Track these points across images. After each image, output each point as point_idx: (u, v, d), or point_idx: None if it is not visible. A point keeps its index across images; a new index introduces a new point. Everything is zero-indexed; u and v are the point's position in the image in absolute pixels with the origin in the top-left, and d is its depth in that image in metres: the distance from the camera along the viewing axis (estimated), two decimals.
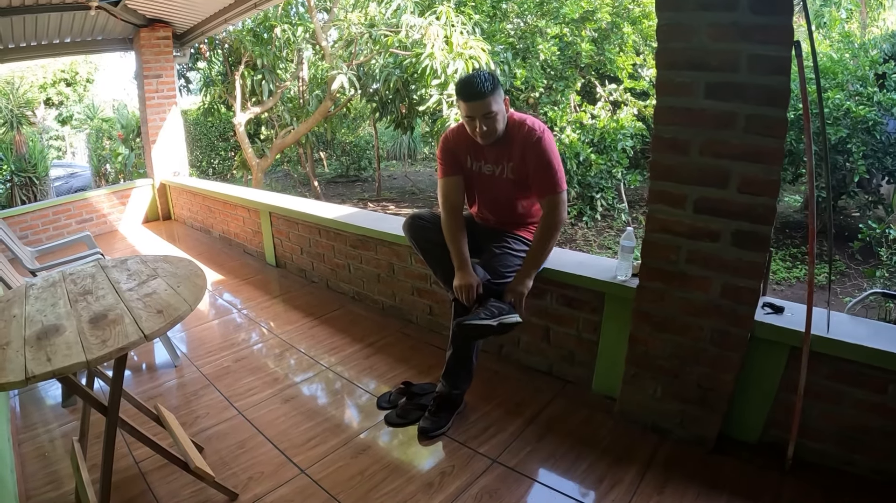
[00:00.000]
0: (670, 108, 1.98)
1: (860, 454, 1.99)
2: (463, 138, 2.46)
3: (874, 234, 4.42)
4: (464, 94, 2.25)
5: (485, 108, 2.23)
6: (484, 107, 2.22)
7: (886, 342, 1.88)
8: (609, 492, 2.01)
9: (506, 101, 2.33)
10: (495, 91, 2.23)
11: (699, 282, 2.05)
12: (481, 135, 2.30)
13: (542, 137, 2.32)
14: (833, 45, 7.49)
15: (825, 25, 9.34)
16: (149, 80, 6.58)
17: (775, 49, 1.76)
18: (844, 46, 7.20)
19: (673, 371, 2.21)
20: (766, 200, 1.87)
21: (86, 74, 18.66)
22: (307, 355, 3.13)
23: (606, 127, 6.84)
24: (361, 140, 14.41)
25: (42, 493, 2.09)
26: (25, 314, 1.69)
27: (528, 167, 2.35)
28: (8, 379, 1.30)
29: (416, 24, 6.04)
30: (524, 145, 2.32)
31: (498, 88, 2.26)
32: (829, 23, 9.22)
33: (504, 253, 2.41)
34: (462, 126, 2.44)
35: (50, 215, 6.23)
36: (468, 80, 2.26)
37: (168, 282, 1.84)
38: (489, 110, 2.23)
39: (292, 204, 4.53)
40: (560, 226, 2.36)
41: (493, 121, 2.26)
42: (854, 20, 12.02)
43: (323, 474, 2.14)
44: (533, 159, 2.32)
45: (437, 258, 2.50)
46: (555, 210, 2.33)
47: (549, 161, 2.31)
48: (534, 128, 2.33)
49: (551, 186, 2.32)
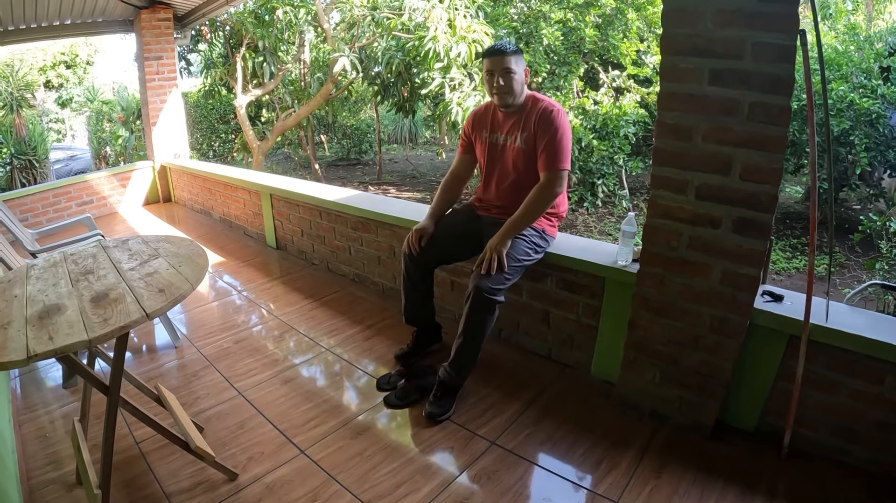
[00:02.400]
0: (674, 94, 1.97)
1: (856, 444, 2.01)
2: (483, 114, 2.63)
3: (874, 227, 4.42)
4: (488, 51, 2.46)
5: (504, 63, 2.36)
6: (503, 62, 2.36)
7: (885, 333, 1.88)
8: (606, 475, 2.03)
9: (526, 72, 2.45)
10: (516, 54, 2.40)
11: (699, 268, 2.06)
12: (498, 90, 2.41)
13: (557, 113, 2.39)
14: (838, 37, 7.45)
15: (831, 17, 9.28)
16: (149, 62, 6.53)
17: (780, 37, 1.75)
18: (850, 38, 7.16)
19: (672, 357, 2.22)
20: (768, 188, 1.86)
21: (86, 56, 18.55)
22: (307, 337, 3.14)
23: (609, 113, 6.82)
24: (363, 123, 14.37)
25: (43, 474, 2.11)
26: (27, 294, 1.69)
27: (539, 137, 2.39)
28: (10, 357, 1.30)
29: (420, 7, 5.99)
30: (539, 118, 2.39)
31: (520, 54, 2.42)
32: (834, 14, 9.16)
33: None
34: (486, 104, 2.63)
35: (50, 198, 6.21)
36: (494, 44, 2.52)
37: (169, 261, 1.84)
38: (508, 66, 2.36)
39: (293, 186, 4.53)
40: (551, 200, 2.40)
41: (510, 78, 2.38)
42: (860, 12, 11.92)
43: (322, 454, 2.16)
44: (545, 132, 2.37)
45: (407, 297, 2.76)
46: (551, 184, 2.37)
47: (560, 137, 2.35)
48: (551, 104, 2.43)
49: (555, 161, 2.36)
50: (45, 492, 2.02)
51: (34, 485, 2.05)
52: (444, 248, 2.65)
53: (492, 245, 2.33)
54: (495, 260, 2.29)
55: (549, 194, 2.38)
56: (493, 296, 2.27)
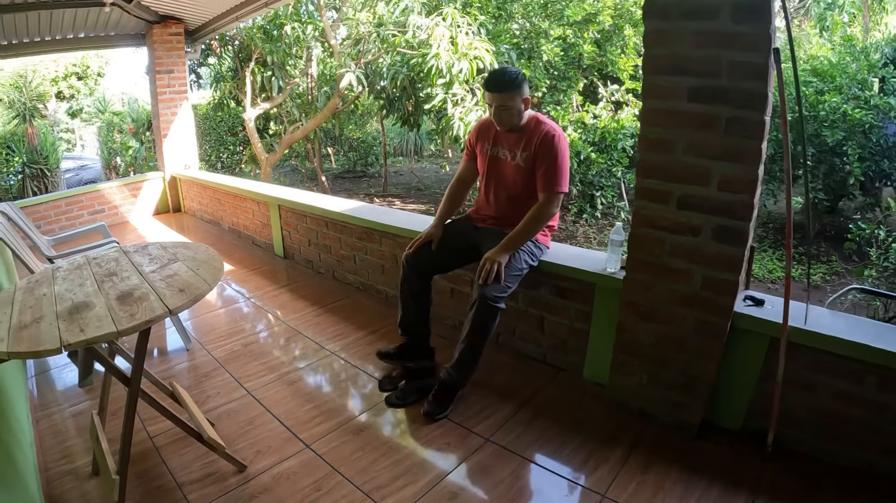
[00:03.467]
0: (656, 111, 2.11)
1: (839, 443, 2.08)
2: (488, 126, 2.75)
3: (864, 235, 4.54)
4: (487, 83, 2.56)
5: (501, 100, 2.49)
6: (500, 99, 2.49)
7: (862, 335, 1.98)
8: (594, 471, 2.14)
9: (526, 101, 2.56)
10: (515, 90, 2.48)
11: (682, 274, 2.18)
12: (496, 121, 2.57)
13: (558, 137, 2.53)
14: (835, 49, 7.57)
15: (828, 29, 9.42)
16: (161, 75, 6.73)
17: (754, 56, 1.88)
18: (846, 50, 7.28)
19: (658, 359, 2.33)
20: (745, 198, 1.99)
21: (97, 68, 18.87)
22: (313, 341, 3.28)
23: (607, 126, 6.98)
24: (369, 136, 14.56)
25: (58, 466, 2.24)
26: (55, 293, 1.83)
27: (539, 160, 2.52)
28: (45, 347, 1.44)
29: (423, 25, 6.17)
30: (541, 141, 2.52)
31: (519, 88, 2.50)
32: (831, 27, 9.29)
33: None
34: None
35: (63, 206, 6.39)
36: (494, 73, 2.59)
37: (188, 265, 1.99)
38: (503, 104, 2.49)
39: (301, 197, 4.68)
40: (547, 219, 2.55)
41: (508, 113, 2.51)
42: (857, 24, 12.07)
43: (326, 449, 2.29)
44: (544, 154, 2.51)
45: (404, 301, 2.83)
46: (548, 204, 2.52)
47: (558, 160, 2.50)
48: (553, 129, 2.56)
49: (553, 183, 2.50)
50: (62, 482, 2.15)
51: (51, 475, 2.18)
52: (443, 255, 2.78)
53: (490, 256, 2.45)
54: (493, 270, 2.41)
55: (546, 213, 2.53)
56: (496, 304, 2.41)
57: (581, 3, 7.27)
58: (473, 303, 2.44)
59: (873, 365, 1.93)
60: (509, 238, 2.50)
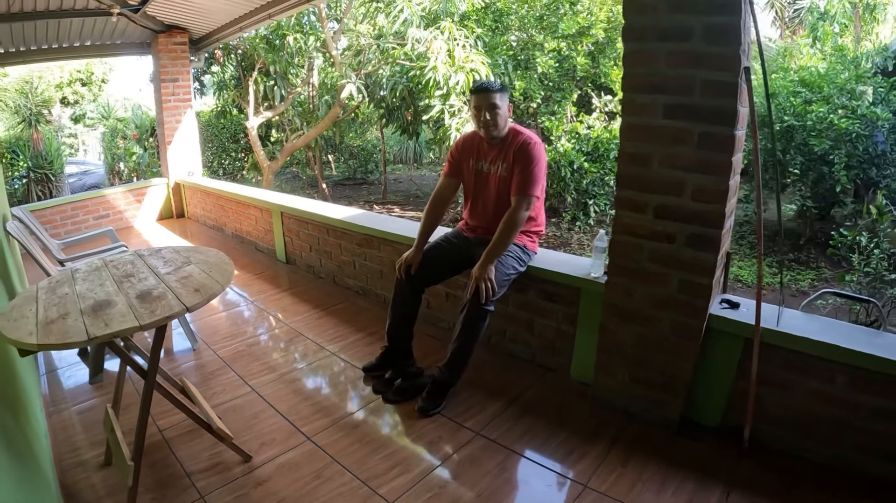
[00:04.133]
0: (634, 126, 2.27)
1: (814, 441, 2.19)
2: (471, 142, 2.88)
3: (845, 241, 4.68)
4: (475, 88, 2.74)
5: (490, 99, 2.63)
6: (490, 98, 2.63)
7: (833, 336, 2.10)
8: (577, 463, 2.28)
9: (509, 108, 2.74)
10: (502, 92, 2.68)
11: (660, 278, 2.33)
12: (484, 124, 2.68)
13: (534, 145, 2.68)
14: (826, 59, 7.72)
15: (820, 39, 9.60)
16: (165, 83, 6.89)
17: (725, 75, 2.02)
18: (837, 59, 7.42)
19: (638, 359, 2.48)
20: (717, 207, 2.14)
21: (101, 75, 19.08)
22: (314, 342, 3.43)
23: (600, 136, 7.15)
24: (369, 144, 14.73)
25: (70, 458, 2.39)
26: (77, 292, 1.99)
27: (515, 166, 2.67)
28: (73, 339, 1.60)
29: (422, 38, 6.35)
30: (518, 149, 2.67)
31: (505, 92, 2.70)
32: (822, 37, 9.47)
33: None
34: (473, 133, 2.88)
35: (68, 210, 6.54)
36: (481, 81, 2.78)
37: (201, 267, 2.14)
38: (493, 102, 2.64)
39: (303, 205, 4.84)
40: (520, 223, 2.64)
41: (496, 113, 2.65)
42: (848, 34, 12.25)
43: (326, 441, 2.44)
44: (520, 160, 2.65)
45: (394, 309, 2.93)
46: (518, 208, 2.63)
47: (533, 166, 2.63)
48: (530, 137, 2.71)
49: (525, 187, 2.63)
50: (75, 471, 2.29)
51: (65, 466, 2.33)
52: (436, 270, 2.91)
53: (477, 274, 2.57)
54: (483, 287, 2.54)
55: (518, 217, 2.62)
56: (486, 306, 2.57)
57: (575, 17, 7.45)
58: (464, 307, 2.60)
59: (844, 365, 2.05)
60: (488, 251, 2.60)
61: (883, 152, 6.65)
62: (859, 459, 2.11)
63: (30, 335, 1.63)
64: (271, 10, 5.38)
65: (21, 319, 1.74)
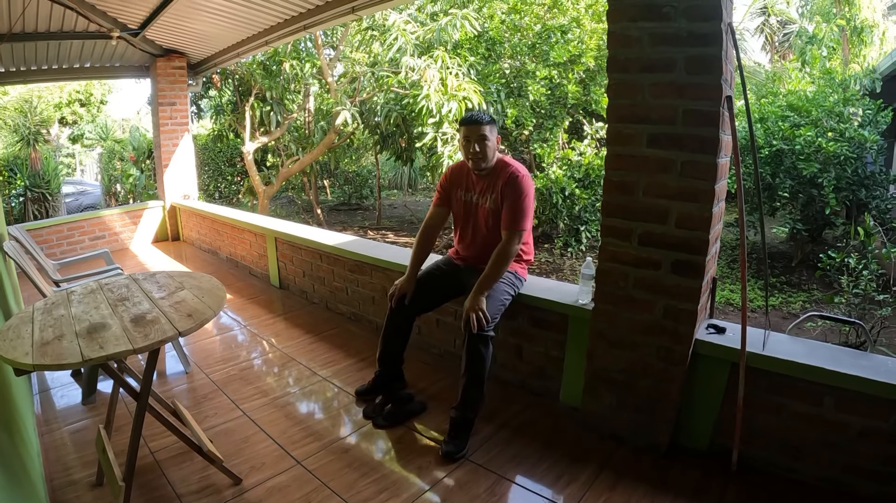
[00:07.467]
0: (619, 156, 2.35)
1: (802, 462, 2.22)
2: (459, 172, 2.94)
3: (833, 264, 4.74)
4: (464, 120, 2.78)
5: (480, 131, 2.69)
6: (478, 130, 2.69)
7: (819, 359, 2.14)
8: (565, 488, 2.30)
9: (497, 139, 2.79)
10: (491, 124, 2.73)
11: (645, 304, 2.38)
12: (473, 156, 2.73)
13: (522, 177, 2.72)
14: (815, 82, 7.86)
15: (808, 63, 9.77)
16: (163, 107, 7.00)
17: (707, 104, 2.10)
18: (825, 83, 7.56)
19: (625, 384, 2.51)
20: (701, 234, 2.19)
21: (100, 96, 19.27)
22: (306, 367, 3.45)
23: (591, 163, 7.26)
24: (364, 169, 14.87)
25: (62, 477, 2.39)
26: (72, 314, 2.02)
27: (504, 198, 2.71)
28: (68, 360, 1.63)
29: (416, 66, 6.48)
30: (507, 181, 2.71)
31: (493, 124, 2.76)
32: (810, 61, 9.64)
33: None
34: (462, 163, 2.91)
35: (65, 231, 6.58)
36: (470, 113, 2.82)
37: (194, 293, 2.18)
38: (482, 134, 2.69)
39: (297, 230, 4.89)
40: (511, 256, 2.68)
41: (485, 145, 2.70)
42: (836, 57, 12.46)
43: (316, 465, 2.45)
44: (509, 193, 2.70)
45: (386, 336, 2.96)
46: (509, 242, 2.68)
47: (521, 200, 2.68)
48: (518, 169, 2.75)
49: (514, 222, 2.68)
50: (66, 491, 2.30)
51: (56, 485, 2.33)
52: (429, 297, 2.95)
53: (468, 306, 2.58)
54: (473, 319, 2.53)
55: (509, 251, 2.67)
56: (485, 332, 2.55)
57: (566, 46, 7.60)
58: (464, 339, 2.58)
59: (830, 387, 2.09)
60: (480, 283, 2.61)
61: (872, 173, 6.76)
62: (847, 480, 2.14)
63: (25, 355, 1.66)
64: (268, 37, 5.49)
65: (17, 339, 1.78)
